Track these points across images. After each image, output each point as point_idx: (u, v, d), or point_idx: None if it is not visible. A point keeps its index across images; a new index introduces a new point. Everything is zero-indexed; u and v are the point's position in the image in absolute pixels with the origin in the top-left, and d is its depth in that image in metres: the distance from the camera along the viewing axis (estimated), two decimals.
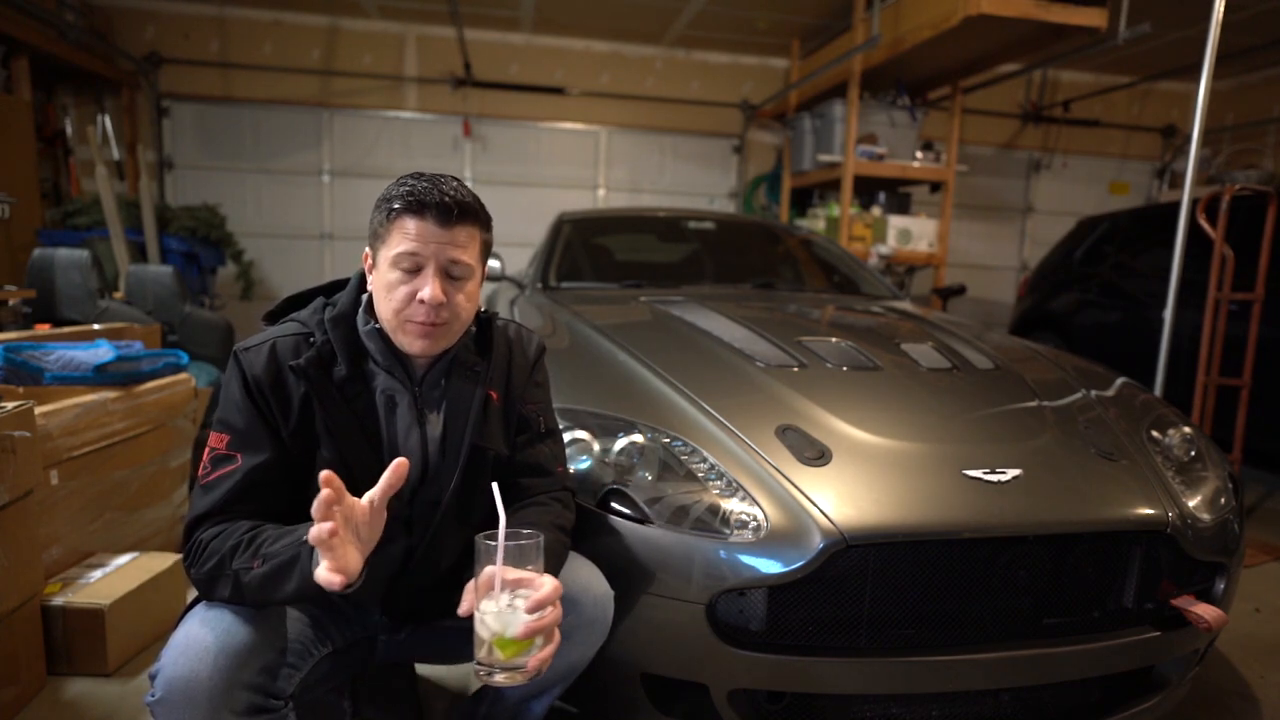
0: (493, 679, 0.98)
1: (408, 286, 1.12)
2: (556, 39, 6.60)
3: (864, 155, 5.00)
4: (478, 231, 1.18)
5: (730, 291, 2.79)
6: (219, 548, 1.05)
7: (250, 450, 1.12)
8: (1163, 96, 7.55)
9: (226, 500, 1.09)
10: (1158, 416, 1.77)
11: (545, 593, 0.98)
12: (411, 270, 1.12)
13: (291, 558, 0.99)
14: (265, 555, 1.01)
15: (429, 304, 1.11)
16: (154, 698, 0.99)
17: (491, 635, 0.97)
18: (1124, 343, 4.35)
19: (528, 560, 1.00)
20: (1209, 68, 2.73)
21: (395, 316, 1.14)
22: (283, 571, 0.99)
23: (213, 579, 1.05)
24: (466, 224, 1.15)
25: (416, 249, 1.11)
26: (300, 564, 0.98)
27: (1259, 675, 1.97)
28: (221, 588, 1.05)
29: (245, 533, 1.06)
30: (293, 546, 1.00)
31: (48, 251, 3.29)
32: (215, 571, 1.04)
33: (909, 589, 1.33)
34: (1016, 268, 7.61)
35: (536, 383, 1.36)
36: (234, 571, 1.03)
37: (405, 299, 1.12)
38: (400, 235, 1.12)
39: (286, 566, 0.99)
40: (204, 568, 1.05)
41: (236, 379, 1.14)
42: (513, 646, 0.96)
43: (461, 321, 1.19)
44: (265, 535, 1.05)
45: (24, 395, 2.05)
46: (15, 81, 4.90)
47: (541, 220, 4.17)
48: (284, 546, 1.01)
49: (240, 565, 1.02)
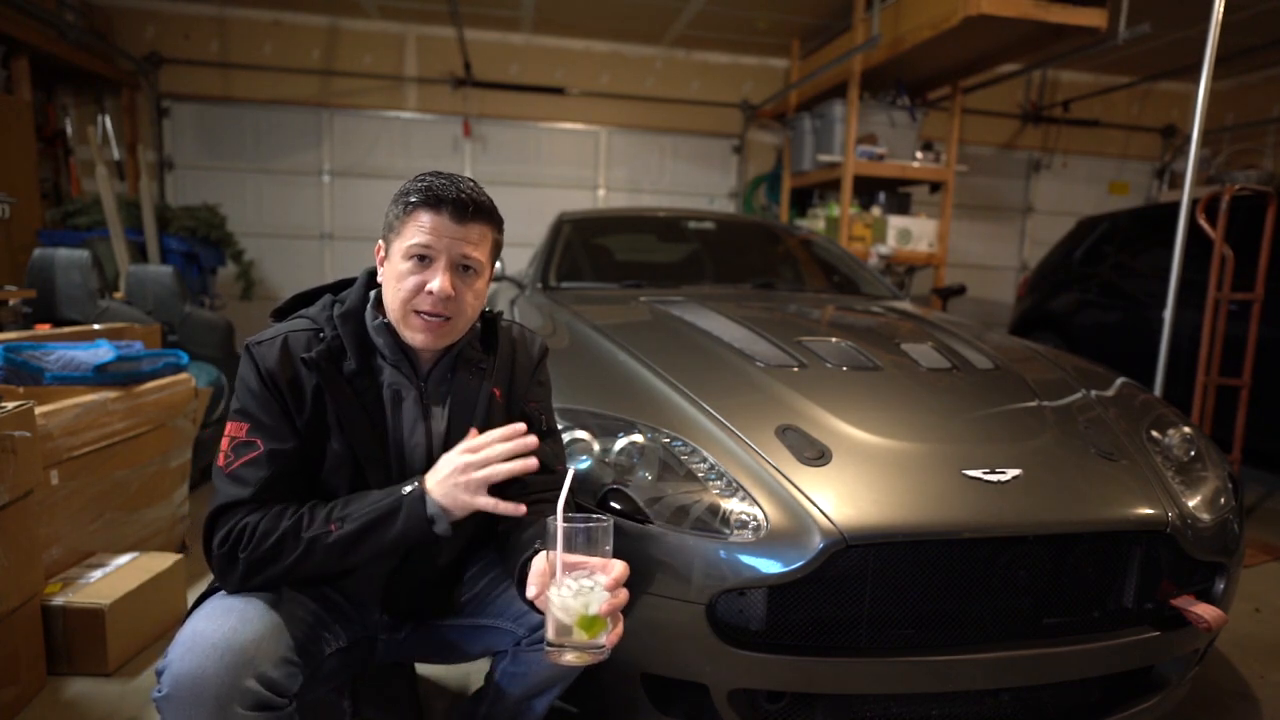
0: (564, 658, 0.99)
1: (418, 277, 1.15)
2: (556, 39, 6.60)
3: (864, 155, 5.00)
4: (490, 231, 1.20)
5: (730, 291, 2.79)
6: (274, 527, 1.08)
7: (271, 437, 1.14)
8: (1163, 96, 7.55)
9: (260, 489, 1.11)
10: (1158, 416, 1.77)
11: (619, 572, 1.00)
12: (423, 262, 1.15)
13: (389, 510, 1.09)
14: (344, 517, 1.09)
15: (437, 295, 1.14)
16: (161, 693, 1.00)
17: (572, 615, 0.98)
18: (1124, 343, 4.35)
19: (599, 544, 1.02)
20: (1209, 68, 2.73)
21: (402, 306, 1.16)
22: (382, 522, 1.09)
23: (274, 555, 1.08)
24: (481, 222, 1.17)
25: (430, 241, 1.14)
26: (407, 508, 1.08)
27: (1259, 675, 1.97)
28: (286, 559, 1.08)
29: (297, 511, 1.11)
30: (390, 499, 1.10)
31: (48, 251, 3.29)
32: (278, 546, 1.08)
33: (909, 589, 1.33)
34: (1016, 268, 7.61)
35: (539, 382, 1.38)
36: (307, 540, 1.08)
37: (414, 289, 1.15)
38: (415, 228, 1.14)
39: (385, 518, 1.08)
40: (260, 547, 1.08)
41: (252, 371, 1.16)
42: (595, 625, 0.98)
43: (466, 318, 1.21)
44: (325, 509, 1.11)
45: (24, 395, 2.05)
46: (15, 81, 4.90)
47: (541, 220, 4.17)
48: (371, 503, 1.10)
49: (314, 533, 1.08)
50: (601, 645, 0.99)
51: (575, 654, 0.99)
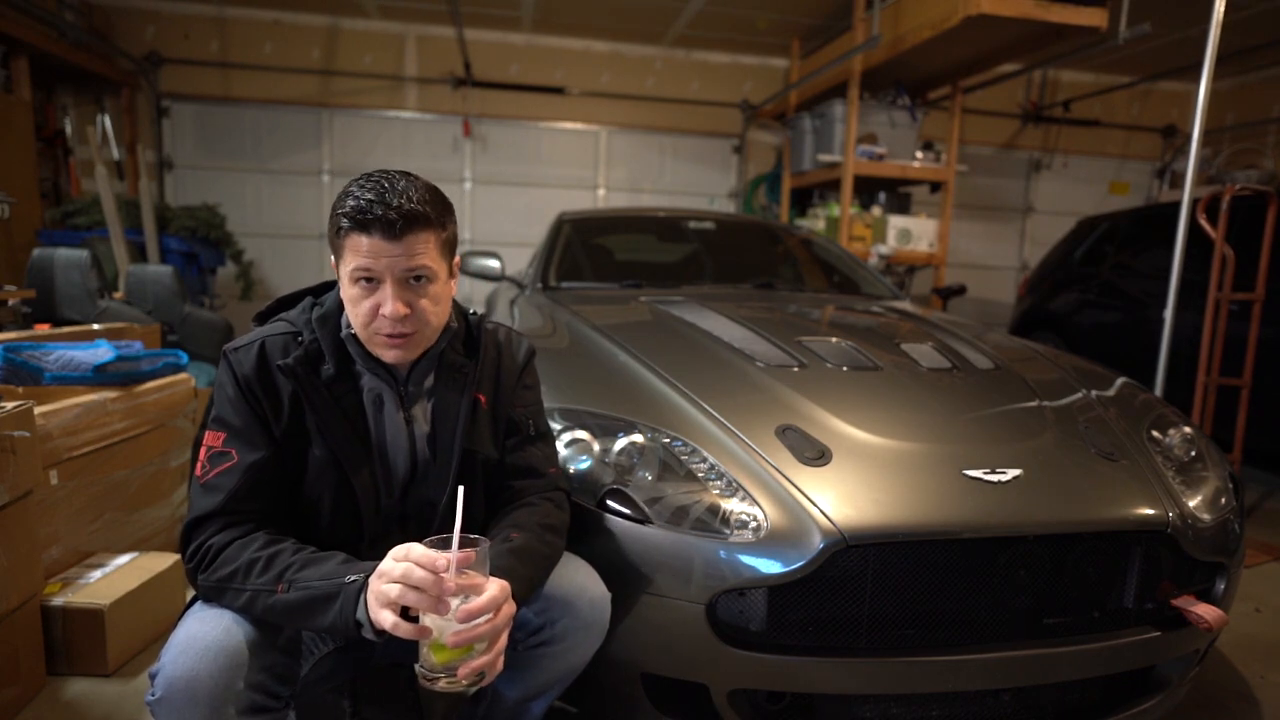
0: (435, 685, 0.96)
1: (370, 300, 1.11)
2: (557, 39, 6.60)
3: (864, 155, 5.00)
4: (431, 234, 1.12)
5: (730, 291, 2.79)
6: (233, 557, 1.05)
7: (247, 447, 1.12)
8: (1163, 96, 7.55)
9: (230, 499, 1.09)
10: (1158, 416, 1.77)
11: (480, 602, 0.95)
12: (370, 283, 1.11)
13: (328, 594, 1.00)
14: (291, 582, 1.01)
15: (390, 318, 1.11)
16: (154, 697, 0.99)
17: (429, 640, 0.95)
18: (1124, 343, 4.35)
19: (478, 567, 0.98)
20: (1209, 68, 2.73)
21: (364, 330, 1.14)
22: (314, 606, 1.00)
23: (222, 589, 1.05)
24: (417, 231, 1.10)
25: (369, 264, 1.09)
26: (341, 601, 0.99)
27: (1259, 675, 1.97)
28: (230, 599, 1.05)
29: (260, 549, 1.05)
30: (331, 583, 1.00)
31: (48, 251, 3.29)
32: (226, 583, 1.04)
33: (909, 589, 1.33)
34: (1016, 268, 7.62)
35: (526, 385, 1.35)
36: (251, 590, 1.03)
37: (370, 313, 1.12)
38: (352, 252, 1.10)
39: (320, 602, 1.00)
40: (213, 575, 1.05)
41: (229, 378, 1.14)
42: (446, 652, 0.95)
43: (432, 327, 1.17)
44: (286, 559, 1.04)
45: (24, 395, 2.05)
46: (15, 81, 4.90)
47: (541, 220, 4.18)
48: (319, 578, 1.01)
49: (259, 586, 1.02)
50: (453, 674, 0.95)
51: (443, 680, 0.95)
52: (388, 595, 0.94)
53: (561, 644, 1.22)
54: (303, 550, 1.07)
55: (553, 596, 1.20)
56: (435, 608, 0.93)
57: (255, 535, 1.08)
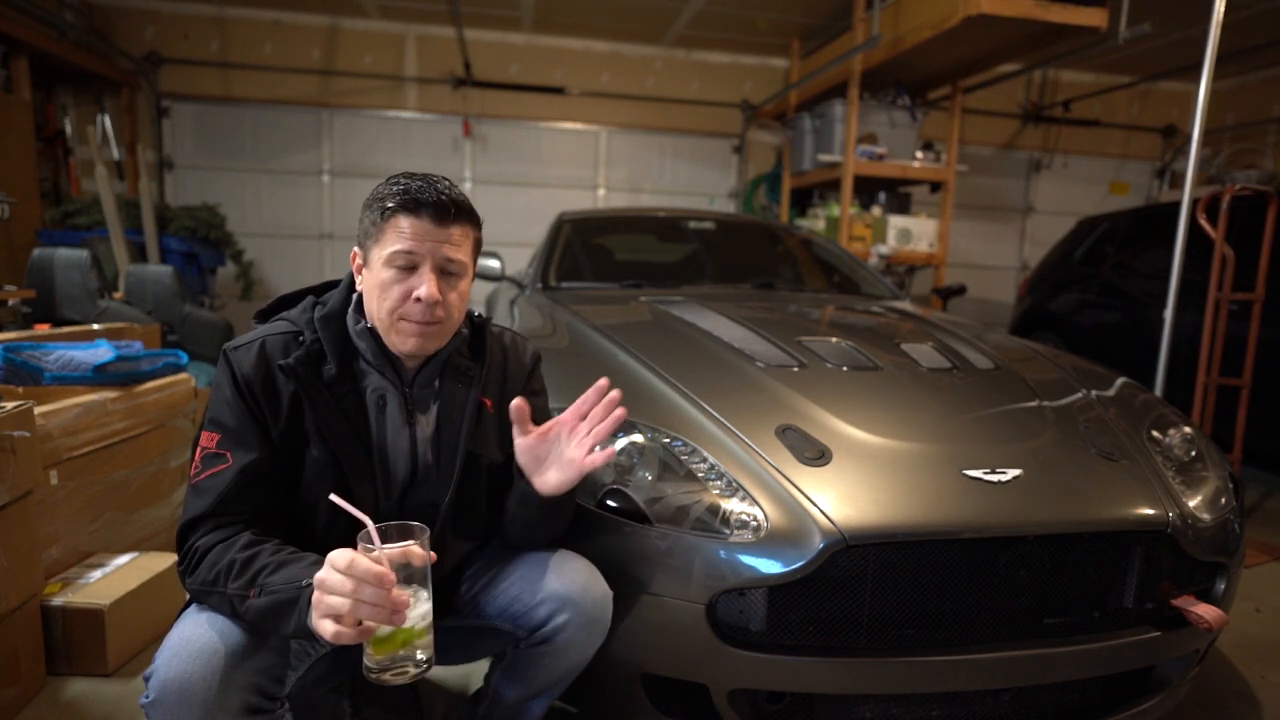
0: (383, 679, 0.96)
1: (403, 285, 1.12)
2: (556, 39, 6.60)
3: (864, 155, 5.00)
4: (471, 230, 1.18)
5: (730, 291, 2.79)
6: (216, 560, 1.04)
7: (241, 449, 1.11)
8: (1163, 96, 7.55)
9: (220, 502, 1.08)
10: (1158, 416, 1.77)
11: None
12: (407, 268, 1.12)
13: (290, 599, 0.98)
14: (262, 586, 1.00)
15: (425, 301, 1.11)
16: (148, 699, 0.99)
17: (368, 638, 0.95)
18: (1124, 343, 4.35)
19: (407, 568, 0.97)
20: (1209, 68, 2.73)
21: (389, 315, 1.14)
22: (280, 611, 0.99)
23: (206, 593, 1.05)
24: (461, 222, 1.15)
25: (412, 247, 1.11)
26: (299, 608, 0.97)
27: (1259, 675, 1.97)
28: (215, 602, 1.05)
29: (240, 550, 1.04)
30: (291, 587, 0.98)
31: (48, 251, 3.29)
32: (210, 587, 1.04)
33: (909, 589, 1.33)
34: (1016, 268, 7.62)
35: (534, 392, 1.36)
36: (229, 595, 1.02)
37: (401, 297, 1.12)
38: (395, 234, 1.11)
39: (285, 607, 0.98)
40: (198, 579, 1.05)
41: (226, 378, 1.13)
42: (385, 645, 0.94)
43: (454, 321, 1.19)
44: (262, 561, 1.03)
45: (24, 395, 2.05)
46: (15, 81, 4.91)
47: (541, 220, 4.18)
48: (283, 583, 0.99)
49: (235, 591, 1.01)
50: (399, 666, 0.95)
51: (387, 673, 0.96)
52: (332, 607, 0.90)
53: (563, 642, 1.22)
54: (281, 551, 1.05)
55: (555, 593, 1.21)
56: (390, 619, 0.91)
57: (239, 536, 1.07)
